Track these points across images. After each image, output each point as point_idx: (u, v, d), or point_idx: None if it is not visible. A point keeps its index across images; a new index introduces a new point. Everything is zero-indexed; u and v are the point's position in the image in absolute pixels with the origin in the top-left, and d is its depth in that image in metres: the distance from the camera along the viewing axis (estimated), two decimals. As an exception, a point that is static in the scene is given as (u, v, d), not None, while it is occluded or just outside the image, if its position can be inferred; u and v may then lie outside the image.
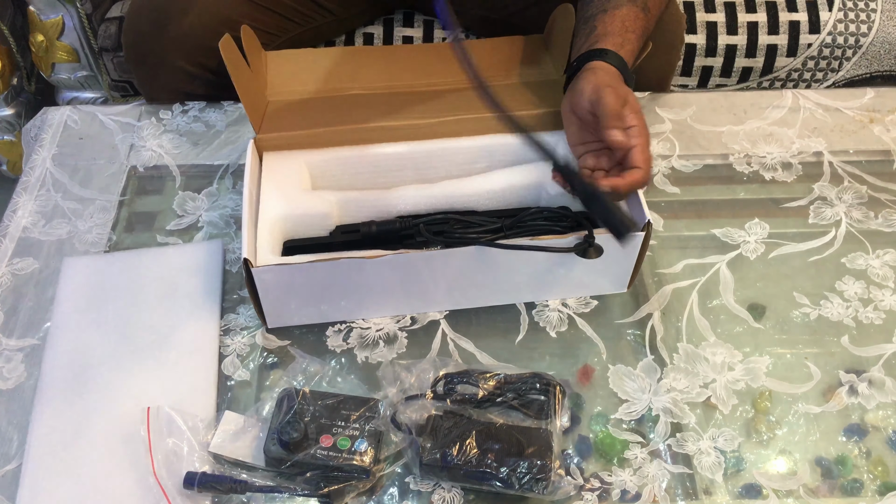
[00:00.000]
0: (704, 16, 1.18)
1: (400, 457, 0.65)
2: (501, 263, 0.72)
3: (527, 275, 0.74)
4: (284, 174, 0.77)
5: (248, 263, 0.67)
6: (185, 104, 0.97)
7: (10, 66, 1.34)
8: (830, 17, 1.19)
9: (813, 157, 0.93)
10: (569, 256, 0.72)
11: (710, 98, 1.00)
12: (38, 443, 0.65)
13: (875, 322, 0.77)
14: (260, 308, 0.72)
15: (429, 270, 0.72)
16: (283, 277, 0.69)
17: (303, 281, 0.70)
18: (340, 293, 0.72)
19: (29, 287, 0.78)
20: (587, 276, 0.76)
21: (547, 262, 0.73)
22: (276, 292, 0.70)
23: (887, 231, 0.85)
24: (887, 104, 0.99)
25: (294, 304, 0.72)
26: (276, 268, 0.68)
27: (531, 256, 0.71)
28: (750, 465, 0.66)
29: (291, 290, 0.71)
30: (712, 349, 0.74)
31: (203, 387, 0.70)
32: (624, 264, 0.75)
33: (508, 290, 0.76)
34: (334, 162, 0.79)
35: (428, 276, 0.73)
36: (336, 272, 0.70)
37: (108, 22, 1.21)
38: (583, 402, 0.70)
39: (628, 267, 0.76)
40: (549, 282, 0.76)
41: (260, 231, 0.72)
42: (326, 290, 0.72)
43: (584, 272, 0.75)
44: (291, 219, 0.74)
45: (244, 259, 0.67)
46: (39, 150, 0.91)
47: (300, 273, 0.69)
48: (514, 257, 0.71)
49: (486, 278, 0.74)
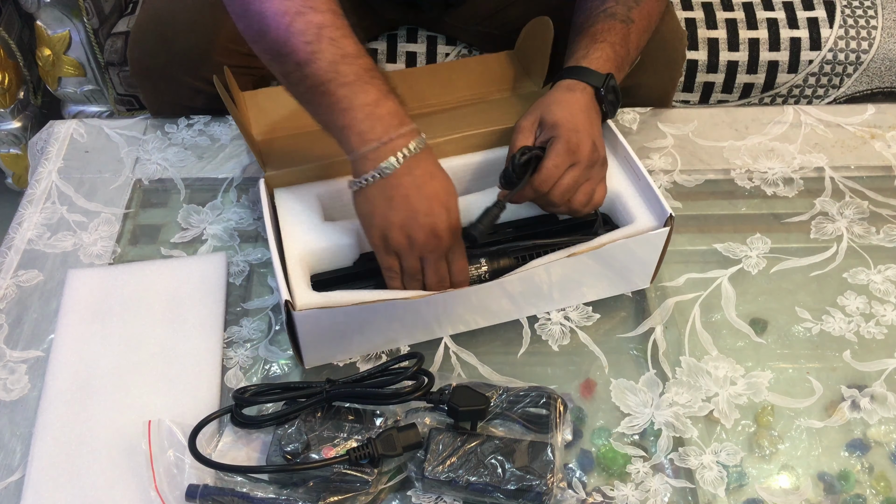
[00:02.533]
0: (706, 32, 1.19)
1: (402, 469, 0.65)
2: (534, 274, 0.73)
3: (557, 281, 0.75)
4: (300, 209, 0.77)
5: (289, 307, 0.66)
6: (189, 118, 0.97)
7: (16, 79, 1.35)
8: (831, 34, 1.20)
9: (814, 173, 0.93)
10: (595, 257, 0.73)
11: (711, 113, 1.00)
12: (40, 454, 0.65)
13: (877, 337, 0.77)
14: (298, 349, 0.71)
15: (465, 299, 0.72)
16: (324, 320, 0.68)
17: (343, 321, 0.69)
18: (378, 329, 0.72)
19: (33, 299, 0.78)
20: (613, 275, 0.77)
21: (576, 265, 0.73)
22: (317, 334, 0.70)
23: (889, 246, 0.85)
24: (888, 120, 1.00)
25: (332, 343, 0.72)
26: (317, 312, 0.67)
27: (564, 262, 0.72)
28: (752, 480, 0.66)
29: (331, 331, 0.70)
30: (714, 363, 0.74)
31: (206, 399, 0.70)
32: (649, 259, 0.76)
33: (541, 299, 0.77)
34: (345, 191, 0.79)
35: (461, 304, 0.73)
36: (376, 311, 0.69)
37: (115, 37, 1.22)
38: (585, 415, 0.70)
39: (652, 262, 0.77)
40: (577, 285, 0.76)
41: (290, 269, 0.71)
42: (364, 328, 0.71)
43: (610, 271, 0.76)
44: (316, 252, 0.74)
45: (285, 301, 0.66)
46: (45, 162, 0.92)
47: (341, 315, 0.68)
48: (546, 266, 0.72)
49: (520, 290, 0.74)
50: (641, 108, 0.99)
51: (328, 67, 0.66)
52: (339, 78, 0.66)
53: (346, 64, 0.67)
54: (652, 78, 1.00)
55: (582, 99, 0.76)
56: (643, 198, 0.78)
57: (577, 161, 0.73)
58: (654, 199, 0.75)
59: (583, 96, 0.76)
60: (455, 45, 1.16)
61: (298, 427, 0.65)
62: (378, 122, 0.67)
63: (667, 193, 0.90)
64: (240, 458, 0.65)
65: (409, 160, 0.67)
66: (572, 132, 0.73)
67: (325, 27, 0.67)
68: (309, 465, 0.63)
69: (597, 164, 0.74)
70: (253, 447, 0.66)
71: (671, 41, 1.00)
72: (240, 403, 0.66)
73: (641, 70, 0.96)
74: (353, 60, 0.67)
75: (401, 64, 1.15)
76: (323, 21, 0.67)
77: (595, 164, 0.74)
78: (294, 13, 0.67)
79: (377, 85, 0.68)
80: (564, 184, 0.73)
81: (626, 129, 0.97)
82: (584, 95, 0.76)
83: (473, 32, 1.13)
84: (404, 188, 0.67)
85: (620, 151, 0.81)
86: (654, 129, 0.98)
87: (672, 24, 1.01)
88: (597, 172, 0.75)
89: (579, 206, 0.74)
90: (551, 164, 0.72)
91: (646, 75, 0.98)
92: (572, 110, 0.75)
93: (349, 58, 0.67)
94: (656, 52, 0.97)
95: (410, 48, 1.15)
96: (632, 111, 0.99)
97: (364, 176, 0.67)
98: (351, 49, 0.67)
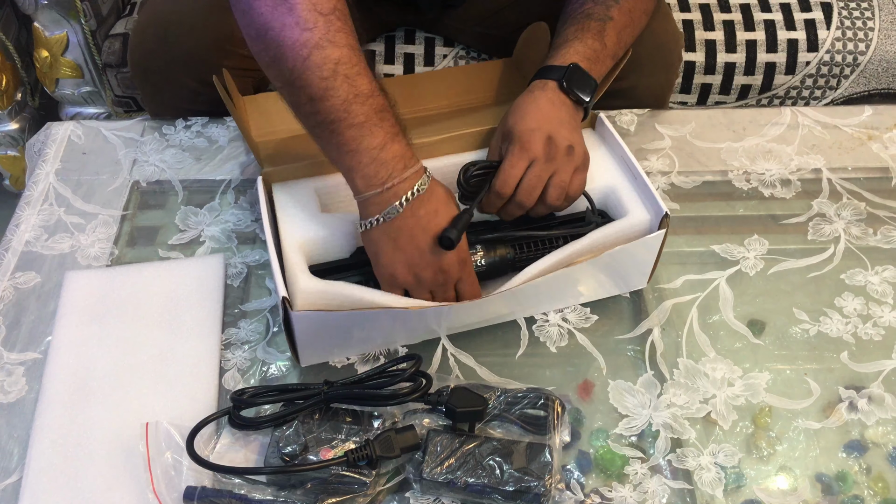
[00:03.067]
0: (703, 34, 1.19)
1: (400, 471, 0.65)
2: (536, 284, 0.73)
3: (554, 284, 0.75)
4: (297, 203, 0.78)
5: (286, 304, 0.67)
6: (187, 120, 0.97)
7: (14, 81, 1.35)
8: (828, 36, 1.20)
9: (811, 174, 0.93)
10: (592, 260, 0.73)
11: (709, 115, 1.01)
12: (38, 457, 0.65)
13: (874, 338, 0.77)
14: (295, 348, 0.71)
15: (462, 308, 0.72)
16: (322, 321, 0.69)
17: (341, 323, 0.70)
18: (376, 331, 0.73)
19: (31, 301, 0.78)
20: (609, 276, 0.77)
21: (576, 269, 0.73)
22: (314, 333, 0.70)
23: (886, 247, 0.85)
24: (885, 121, 1.00)
25: (329, 343, 0.72)
26: (315, 313, 0.68)
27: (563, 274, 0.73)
28: (750, 481, 0.66)
29: (328, 331, 0.71)
30: (712, 365, 0.74)
31: (204, 401, 0.70)
32: (645, 261, 0.77)
33: (538, 301, 0.77)
34: (342, 186, 0.80)
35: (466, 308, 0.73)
36: (376, 315, 0.70)
37: (112, 38, 1.22)
38: (583, 417, 0.70)
39: (649, 263, 0.77)
40: (574, 287, 0.77)
41: (288, 258, 0.72)
42: (362, 329, 0.72)
43: (607, 273, 0.76)
44: (314, 242, 0.74)
45: (282, 299, 0.66)
46: (43, 164, 0.92)
47: (340, 317, 0.69)
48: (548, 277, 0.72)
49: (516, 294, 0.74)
50: (639, 109, 1.00)
51: (340, 106, 0.66)
52: (348, 118, 0.67)
53: (358, 104, 0.67)
54: (647, 80, 1.00)
55: (541, 96, 0.76)
56: (639, 194, 0.78)
57: (534, 158, 0.73)
58: (651, 197, 0.76)
59: (542, 93, 0.76)
60: (453, 47, 1.16)
61: (296, 429, 0.65)
62: (382, 167, 0.67)
63: (664, 195, 0.90)
64: (238, 460, 0.65)
65: (413, 202, 0.67)
66: (524, 132, 0.74)
67: (341, 63, 0.66)
68: (307, 467, 0.63)
69: (558, 155, 0.74)
70: (251, 449, 0.66)
71: (667, 43, 1.00)
72: (238, 405, 0.66)
73: (637, 72, 0.96)
74: (364, 100, 0.67)
75: (399, 65, 1.15)
76: (340, 57, 0.66)
77: (556, 157, 0.74)
78: (312, 46, 0.66)
79: (385, 127, 0.68)
80: (526, 182, 0.73)
81: (624, 131, 0.97)
82: (543, 92, 0.76)
83: (471, 33, 1.13)
84: (408, 229, 0.68)
85: (617, 151, 0.82)
86: (652, 130, 0.98)
87: (668, 26, 1.01)
88: (563, 164, 0.74)
89: (554, 201, 0.74)
90: (507, 165, 0.73)
91: (641, 77, 0.99)
92: (526, 111, 0.75)
93: (361, 97, 0.67)
94: (652, 55, 0.97)
95: (408, 49, 1.15)
96: (629, 113, 0.99)
97: (369, 219, 0.68)
98: (365, 88, 0.67)
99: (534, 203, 0.74)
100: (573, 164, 0.75)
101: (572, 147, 0.75)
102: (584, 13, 0.81)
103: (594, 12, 0.81)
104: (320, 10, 0.66)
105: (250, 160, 0.92)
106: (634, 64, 0.90)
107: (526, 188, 0.73)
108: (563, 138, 0.74)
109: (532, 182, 0.73)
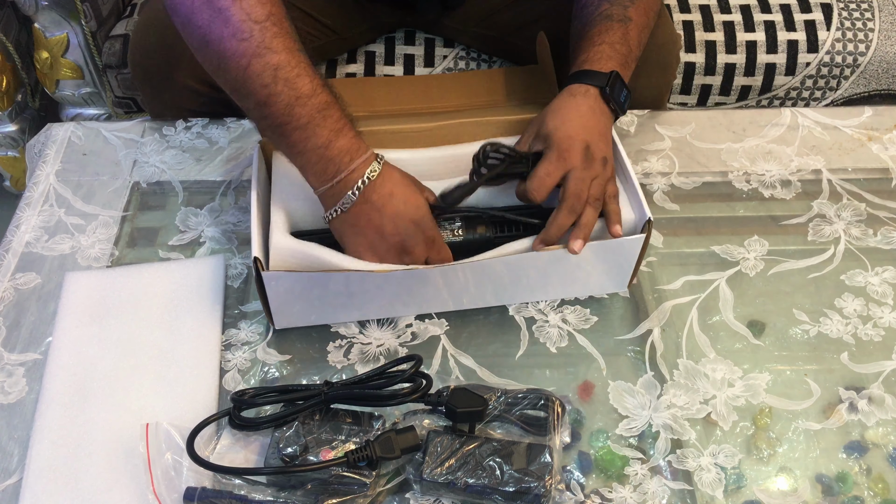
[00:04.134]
0: (703, 35, 1.19)
1: (400, 472, 0.65)
2: (505, 263, 0.73)
3: (527, 274, 0.75)
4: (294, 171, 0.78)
5: (258, 264, 0.68)
6: (188, 121, 0.97)
7: (14, 82, 1.35)
8: (829, 37, 1.20)
9: (812, 175, 0.93)
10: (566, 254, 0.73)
11: (709, 116, 1.01)
12: (38, 457, 0.65)
13: (874, 339, 0.77)
14: (269, 310, 0.73)
15: (434, 276, 0.73)
16: (294, 283, 0.70)
17: (313, 285, 0.71)
18: (350, 298, 0.74)
19: (31, 302, 0.78)
20: (586, 274, 0.77)
21: (547, 259, 0.73)
22: (286, 296, 0.72)
23: (886, 248, 0.85)
24: (885, 122, 1.00)
25: (303, 306, 0.74)
26: (286, 274, 0.69)
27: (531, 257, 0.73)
28: (750, 482, 0.66)
29: (301, 294, 0.72)
30: (712, 365, 0.74)
31: (204, 402, 0.70)
32: (624, 263, 0.76)
33: (509, 290, 0.77)
34: None
35: (432, 281, 0.74)
36: (346, 280, 0.71)
37: (113, 39, 1.22)
38: (583, 418, 0.70)
39: (629, 266, 0.77)
40: (549, 281, 0.77)
41: (274, 216, 0.74)
42: (336, 294, 0.73)
43: (584, 270, 0.76)
44: (303, 209, 0.76)
45: (254, 258, 0.68)
46: (43, 165, 0.92)
47: (312, 280, 0.70)
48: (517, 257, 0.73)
49: (489, 279, 0.75)
50: (639, 110, 1.00)
51: (283, 111, 0.68)
52: (293, 122, 0.68)
53: (300, 106, 0.68)
54: (645, 81, 1.00)
55: (583, 103, 0.76)
56: (628, 199, 0.78)
57: (572, 167, 0.73)
58: (637, 202, 0.75)
59: (584, 100, 0.76)
60: (453, 48, 1.16)
61: (297, 429, 0.65)
62: (330, 163, 0.69)
63: (664, 196, 0.90)
64: (238, 461, 0.65)
65: (365, 190, 0.69)
66: (563, 139, 0.74)
67: (280, 68, 0.67)
68: (307, 468, 0.62)
69: (594, 165, 0.74)
70: (251, 449, 0.66)
71: (665, 44, 1.01)
72: (238, 406, 0.66)
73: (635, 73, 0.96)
74: (306, 101, 0.68)
75: (399, 66, 1.15)
76: (279, 62, 0.67)
77: (592, 167, 0.74)
78: (251, 55, 0.67)
79: (329, 125, 0.69)
80: (573, 187, 0.72)
81: (624, 132, 0.97)
82: (585, 99, 0.77)
83: (471, 34, 1.13)
84: (365, 214, 0.70)
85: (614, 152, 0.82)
86: (652, 131, 0.98)
87: (666, 27, 1.01)
88: (600, 172, 0.74)
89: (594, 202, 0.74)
90: (542, 171, 0.73)
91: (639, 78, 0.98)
92: (567, 116, 0.75)
93: (302, 99, 0.68)
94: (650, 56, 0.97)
95: (408, 50, 1.16)
96: (630, 113, 0.99)
97: (329, 211, 0.71)
98: (305, 89, 0.68)
99: (584, 206, 0.73)
100: (606, 176, 0.75)
101: (606, 159, 0.75)
102: (603, 14, 0.81)
103: (613, 13, 0.81)
104: (255, 19, 0.67)
105: (250, 161, 0.92)
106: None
107: (574, 191, 0.72)
108: (599, 150, 0.75)
109: (578, 186, 0.73)
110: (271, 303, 0.72)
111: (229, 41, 0.67)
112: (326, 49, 1.11)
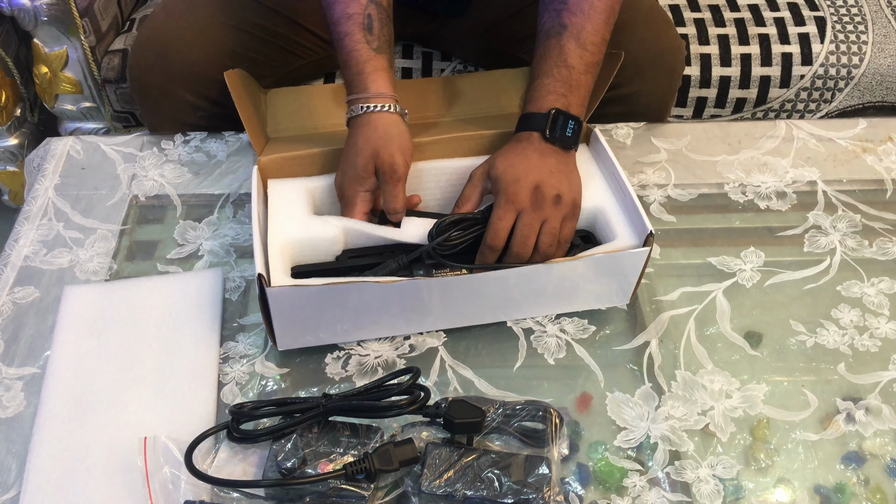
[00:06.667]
0: (698, 48, 1.20)
1: (398, 484, 0.65)
2: (504, 279, 0.73)
3: (528, 290, 0.75)
4: (289, 200, 0.79)
5: (262, 281, 0.68)
6: (186, 135, 0.98)
7: (13, 97, 1.36)
8: (823, 50, 1.21)
9: (807, 187, 0.94)
10: (569, 269, 0.73)
11: (704, 128, 1.01)
12: (36, 471, 0.65)
13: (871, 350, 0.77)
14: (272, 329, 0.72)
15: (434, 292, 0.73)
16: (297, 299, 0.70)
17: (316, 303, 0.70)
18: (352, 315, 0.73)
19: (29, 316, 0.78)
20: (589, 289, 0.77)
21: (548, 275, 0.74)
22: (290, 313, 0.71)
23: (882, 259, 0.86)
24: (879, 134, 1.00)
25: (305, 325, 0.73)
26: (290, 289, 0.69)
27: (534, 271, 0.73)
28: (749, 493, 0.66)
29: (304, 313, 0.71)
30: (710, 377, 0.74)
31: (202, 415, 0.70)
32: (628, 277, 0.76)
33: (510, 306, 0.77)
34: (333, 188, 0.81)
35: (432, 298, 0.74)
36: (349, 295, 0.70)
37: (112, 54, 1.22)
38: (581, 429, 0.70)
39: (632, 280, 0.77)
40: (552, 296, 0.77)
41: (271, 254, 0.73)
42: (338, 312, 0.72)
43: (586, 285, 0.76)
44: (300, 243, 0.76)
45: (258, 275, 0.68)
46: (42, 179, 0.92)
47: (314, 295, 0.70)
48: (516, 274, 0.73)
49: (488, 295, 0.75)
50: (635, 122, 1.00)
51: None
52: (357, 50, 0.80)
53: (367, 41, 0.80)
54: (650, 85, 1.01)
55: (528, 147, 0.77)
56: (626, 214, 0.78)
57: (522, 209, 0.74)
58: (637, 216, 0.75)
59: (529, 144, 0.77)
60: (451, 61, 1.17)
61: (295, 442, 0.65)
62: (360, 81, 0.79)
63: (661, 208, 0.91)
64: (236, 474, 0.65)
65: (360, 117, 0.78)
66: (510, 183, 0.75)
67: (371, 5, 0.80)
68: (305, 480, 0.62)
69: (545, 205, 0.74)
70: (249, 462, 0.66)
71: (669, 49, 1.02)
72: (236, 419, 0.66)
73: (639, 78, 0.97)
74: (373, 40, 0.80)
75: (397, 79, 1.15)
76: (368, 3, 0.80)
77: (543, 206, 0.74)
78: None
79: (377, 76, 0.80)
80: (519, 233, 0.74)
81: (620, 144, 0.98)
82: (530, 143, 0.77)
83: (469, 48, 1.14)
84: (353, 135, 0.79)
85: (608, 167, 0.82)
86: (648, 143, 0.98)
87: (670, 32, 1.03)
88: (552, 213, 0.75)
89: (547, 248, 0.75)
90: (495, 217, 0.74)
91: (644, 83, 1.00)
92: (514, 161, 0.76)
93: (372, 37, 0.80)
94: (654, 60, 0.98)
95: (406, 64, 1.16)
96: (625, 126, 1.00)
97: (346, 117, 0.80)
98: (377, 33, 0.80)
99: (530, 253, 0.75)
100: (562, 212, 0.75)
101: (560, 196, 0.75)
102: (543, 32, 0.81)
103: (549, 27, 0.81)
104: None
105: (248, 175, 0.92)
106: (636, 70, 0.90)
107: (520, 239, 0.74)
108: (550, 187, 0.75)
109: (524, 232, 0.74)
110: (275, 321, 0.71)
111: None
112: (325, 63, 1.11)
